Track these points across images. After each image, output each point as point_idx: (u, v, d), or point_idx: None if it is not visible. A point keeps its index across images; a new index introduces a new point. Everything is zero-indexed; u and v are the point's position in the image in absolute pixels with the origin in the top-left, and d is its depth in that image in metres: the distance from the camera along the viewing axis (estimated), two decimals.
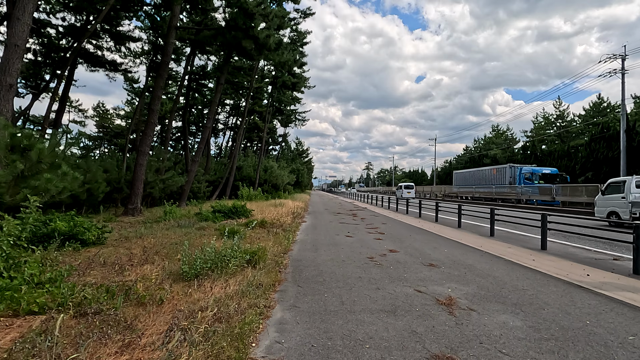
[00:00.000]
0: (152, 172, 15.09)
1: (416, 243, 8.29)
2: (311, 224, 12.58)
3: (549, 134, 43.31)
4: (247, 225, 10.45)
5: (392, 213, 17.86)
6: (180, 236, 8.39)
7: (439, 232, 10.25)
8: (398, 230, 10.89)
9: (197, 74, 24.64)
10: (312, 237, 9.34)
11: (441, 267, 5.74)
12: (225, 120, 45.57)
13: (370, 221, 13.68)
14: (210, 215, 11.99)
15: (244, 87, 28.23)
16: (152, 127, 13.88)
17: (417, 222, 13.16)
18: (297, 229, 10.86)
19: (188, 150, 25.43)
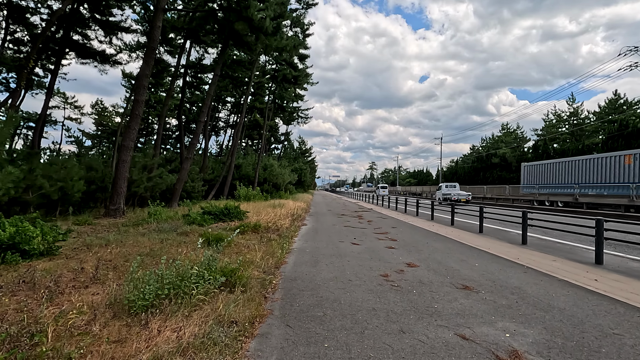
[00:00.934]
0: (139, 169, 13.81)
1: (437, 254, 6.87)
2: (312, 228, 11.20)
3: (562, 132, 41.57)
4: (237, 230, 9.10)
5: (401, 215, 16.43)
6: (155, 244, 7.05)
7: (459, 239, 8.83)
8: (411, 235, 9.47)
9: (194, 67, 23.35)
10: (312, 244, 7.94)
11: (480, 292, 4.33)
12: (226, 118, 44.35)
13: (378, 224, 12.27)
14: (198, 217, 10.65)
15: (243, 82, 26.92)
16: (137, 119, 12.56)
17: (430, 226, 11.73)
18: (296, 234, 9.48)
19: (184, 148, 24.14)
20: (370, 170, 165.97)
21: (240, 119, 24.31)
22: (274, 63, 25.64)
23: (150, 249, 6.58)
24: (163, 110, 18.16)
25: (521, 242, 8.22)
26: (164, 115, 18.45)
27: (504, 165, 48.88)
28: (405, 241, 8.44)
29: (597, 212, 17.51)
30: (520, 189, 28.98)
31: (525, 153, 46.97)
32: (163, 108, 18.29)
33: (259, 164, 25.48)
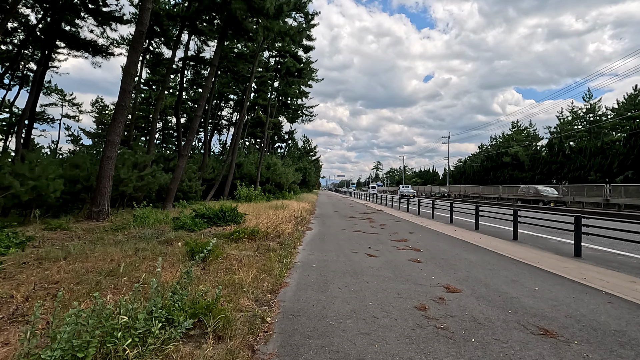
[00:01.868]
0: (128, 167, 12.55)
1: (477, 270, 5.47)
2: (318, 233, 9.83)
3: (578, 130, 39.77)
4: (231, 237, 7.78)
5: (415, 217, 15.00)
6: (127, 256, 5.73)
7: (494, 248, 7.40)
8: (435, 243, 8.07)
9: (193, 59, 22.11)
10: (319, 256, 6.57)
11: (571, 342, 2.93)
12: (229, 116, 43.15)
13: (393, 229, 10.87)
14: (188, 221, 9.34)
15: (245, 78, 25.62)
16: (124, 111, 11.29)
17: (451, 231, 10.31)
18: (300, 242, 8.11)
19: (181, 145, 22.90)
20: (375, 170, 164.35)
21: (241, 115, 23.03)
22: (277, 55, 24.30)
23: (118, 263, 5.25)
24: (157, 104, 16.91)
25: (573, 253, 6.78)
26: (157, 109, 17.22)
27: (515, 164, 47.09)
28: (430, 251, 7.04)
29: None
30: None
31: (539, 151, 45.19)
32: (157, 102, 17.06)
33: (261, 163, 24.19)
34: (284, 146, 52.78)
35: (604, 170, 32.02)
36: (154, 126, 16.78)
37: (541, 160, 41.84)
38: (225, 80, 34.23)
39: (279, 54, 23.86)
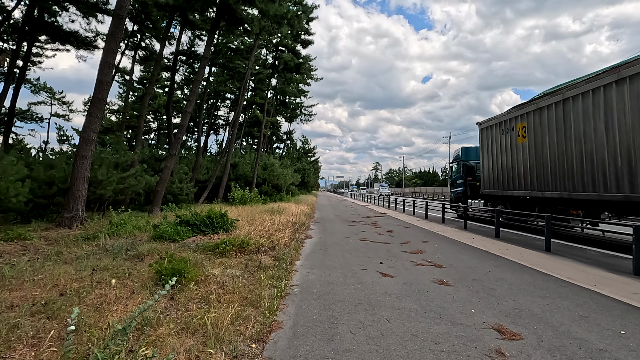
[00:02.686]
0: (107, 167, 11.32)
1: (525, 298, 4.26)
2: (319, 243, 8.61)
3: None
4: (216, 249, 6.55)
5: (423, 222, 13.79)
6: (79, 280, 4.51)
7: (529, 263, 6.20)
8: (457, 256, 6.85)
9: (184, 54, 20.89)
10: (321, 276, 5.35)
11: None
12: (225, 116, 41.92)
13: (403, 236, 9.66)
14: (169, 229, 8.11)
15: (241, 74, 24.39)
16: (101, 105, 10.07)
17: (469, 239, 9.10)
18: (298, 255, 6.89)
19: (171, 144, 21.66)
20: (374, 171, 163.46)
21: (237, 111, 21.79)
22: (274, 50, 23.07)
23: (62, 292, 4.04)
24: (144, 100, 15.70)
25: (633, 271, 5.57)
26: (145, 105, 15.98)
27: None
28: (456, 269, 5.82)
29: None
30: None
31: None
32: (144, 97, 15.83)
33: (257, 163, 22.95)
34: (282, 147, 51.59)
35: None
36: (141, 123, 15.55)
37: None
38: (221, 78, 33.00)
39: (276, 49, 22.65)
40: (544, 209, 10.25)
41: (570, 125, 9.00)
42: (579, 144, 8.70)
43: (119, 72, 40.44)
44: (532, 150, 10.54)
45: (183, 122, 14.38)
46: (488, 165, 13.18)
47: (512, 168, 11.58)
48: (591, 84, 8.34)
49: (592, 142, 8.29)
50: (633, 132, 7.17)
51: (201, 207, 15.63)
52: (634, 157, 7.13)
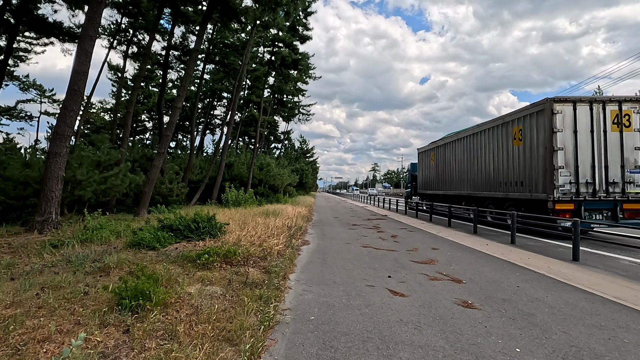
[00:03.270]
0: (87, 167, 10.40)
1: (577, 329, 3.38)
2: (317, 251, 7.72)
3: None
4: (198, 260, 5.64)
5: (428, 225, 12.91)
6: (15, 304, 3.61)
7: (561, 276, 5.33)
8: (475, 267, 5.98)
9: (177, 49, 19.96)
10: (319, 296, 4.46)
11: None
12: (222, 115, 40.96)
13: (410, 242, 8.78)
14: (148, 235, 7.19)
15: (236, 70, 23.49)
16: (77, 98, 9.14)
17: (482, 245, 8.25)
18: (292, 266, 6.00)
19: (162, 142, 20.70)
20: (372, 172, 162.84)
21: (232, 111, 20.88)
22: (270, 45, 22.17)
23: None
24: (132, 95, 14.78)
25: None
26: (132, 101, 15.06)
27: None
28: (478, 284, 4.94)
29: None
30: None
31: None
32: (132, 93, 14.90)
33: (253, 163, 22.03)
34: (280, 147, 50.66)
35: None
36: (128, 120, 14.61)
37: None
38: (217, 77, 32.07)
39: (272, 45, 21.75)
40: (451, 201, 15.75)
41: (463, 152, 15.19)
42: (461, 164, 15.17)
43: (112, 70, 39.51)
44: (437, 168, 18.23)
45: (172, 118, 13.46)
46: (420, 175, 21.29)
47: (429, 177, 19.66)
48: (479, 128, 13.76)
49: (481, 161, 13.50)
50: (496, 160, 12.39)
51: (192, 209, 14.72)
52: (494, 174, 12.44)
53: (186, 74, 13.74)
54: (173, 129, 13.95)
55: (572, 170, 9.46)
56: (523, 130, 10.79)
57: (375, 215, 18.06)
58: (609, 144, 9.54)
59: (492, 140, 12.58)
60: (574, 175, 9.45)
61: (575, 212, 9.27)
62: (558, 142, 9.42)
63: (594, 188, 9.44)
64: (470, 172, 14.20)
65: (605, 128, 9.54)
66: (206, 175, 19.58)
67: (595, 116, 9.56)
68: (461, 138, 15.20)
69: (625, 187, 9.47)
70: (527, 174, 10.52)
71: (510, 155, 11.44)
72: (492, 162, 12.54)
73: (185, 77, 13.70)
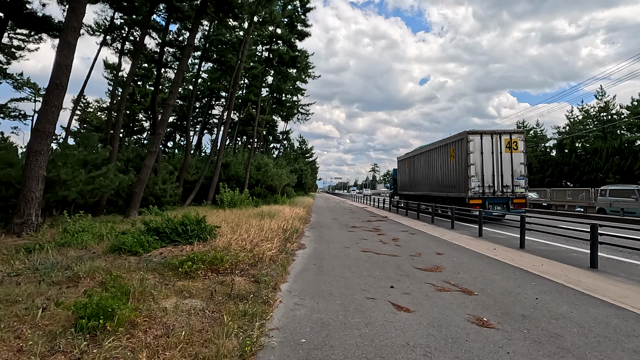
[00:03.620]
0: (72, 166, 9.88)
1: (615, 356, 2.85)
2: (314, 256, 7.19)
3: (591, 130, 37.45)
4: (181, 267, 5.11)
5: (430, 227, 12.38)
6: None
7: (582, 287, 4.81)
8: (486, 275, 5.45)
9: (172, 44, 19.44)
10: (313, 311, 3.93)
11: None
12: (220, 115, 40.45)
13: (412, 246, 8.25)
14: (130, 239, 6.66)
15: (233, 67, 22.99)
16: (59, 92, 8.61)
17: (489, 249, 7.72)
18: (285, 275, 5.46)
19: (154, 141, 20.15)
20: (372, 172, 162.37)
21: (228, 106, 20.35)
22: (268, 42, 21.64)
23: None
24: (123, 92, 14.27)
25: None
26: (124, 98, 14.54)
27: None
28: (491, 296, 4.41)
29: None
30: None
31: (548, 152, 42.93)
32: (124, 89, 14.38)
33: (249, 163, 21.50)
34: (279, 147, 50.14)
35: (624, 172, 29.68)
36: (119, 117, 14.06)
37: (551, 162, 39.49)
38: (215, 75, 31.56)
39: (270, 42, 21.22)
40: (419, 199, 18.89)
41: (424, 163, 18.93)
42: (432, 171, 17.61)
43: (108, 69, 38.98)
44: (409, 174, 22.12)
45: (164, 116, 12.94)
46: (399, 179, 25.34)
47: (404, 181, 23.61)
48: (431, 147, 17.79)
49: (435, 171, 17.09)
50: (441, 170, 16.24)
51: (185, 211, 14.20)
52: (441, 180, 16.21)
53: (179, 70, 13.22)
54: (165, 127, 13.44)
55: (479, 178, 13.52)
56: (455, 150, 14.82)
57: (376, 216, 17.53)
58: (503, 161, 13.66)
59: (440, 156, 16.71)
60: (481, 181, 13.55)
61: (482, 205, 13.37)
62: (471, 159, 13.53)
63: (494, 189, 13.61)
64: (428, 178, 18.37)
65: (501, 150, 13.67)
66: (201, 175, 19.04)
67: (495, 143, 13.65)
68: (424, 152, 19.28)
69: (514, 188, 13.68)
70: (457, 180, 14.65)
71: (448, 167, 15.59)
72: (440, 171, 16.66)
73: (178, 73, 13.18)
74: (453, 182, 14.93)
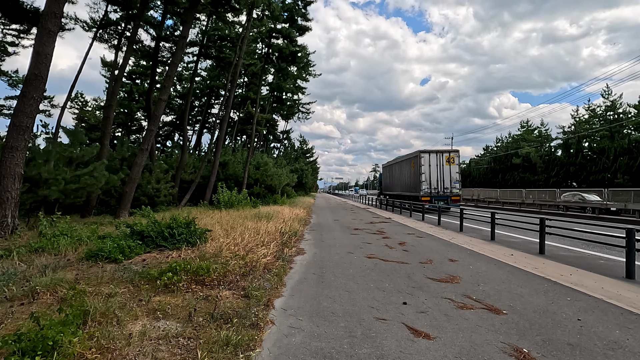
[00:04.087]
0: (56, 163, 9.21)
1: None
2: (314, 263, 6.50)
3: (599, 129, 36.65)
4: (159, 280, 4.43)
5: (437, 230, 11.68)
6: None
7: (628, 304, 4.11)
8: (511, 288, 4.75)
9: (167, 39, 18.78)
10: (311, 337, 3.24)
11: None
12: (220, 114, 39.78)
13: (422, 251, 7.55)
14: (112, 244, 5.98)
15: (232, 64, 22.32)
16: (38, 83, 7.95)
17: (505, 255, 7.02)
18: (280, 288, 4.76)
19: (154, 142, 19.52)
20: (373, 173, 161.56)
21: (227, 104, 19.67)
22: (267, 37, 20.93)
23: None
24: (115, 87, 13.58)
25: None
26: (115, 93, 13.85)
27: (527, 166, 43.96)
28: (525, 317, 3.71)
29: None
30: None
31: (553, 152, 42.16)
32: (115, 84, 13.70)
33: (248, 161, 20.81)
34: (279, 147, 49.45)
35: (633, 172, 28.90)
36: (109, 113, 13.35)
37: (557, 162, 38.72)
38: (214, 73, 30.89)
39: (269, 35, 20.52)
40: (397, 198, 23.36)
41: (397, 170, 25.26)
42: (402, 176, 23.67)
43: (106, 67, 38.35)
44: (390, 178, 28.19)
45: (156, 112, 12.26)
46: (383, 181, 31.55)
47: (387, 183, 29.38)
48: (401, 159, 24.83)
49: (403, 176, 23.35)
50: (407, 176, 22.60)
51: (179, 212, 13.53)
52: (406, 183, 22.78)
53: (172, 63, 12.56)
54: (158, 123, 12.77)
55: (428, 183, 19.25)
56: (414, 163, 20.63)
57: (379, 217, 16.84)
58: (444, 171, 19.29)
59: (406, 166, 22.99)
60: (429, 185, 19.27)
61: (430, 200, 18.90)
62: (422, 170, 19.29)
63: (438, 190, 19.26)
64: (400, 182, 24.75)
65: (442, 164, 19.30)
66: (198, 175, 18.37)
67: (439, 158, 19.39)
68: (397, 162, 26.27)
69: (451, 190, 19.28)
70: (415, 184, 20.41)
71: (410, 175, 21.62)
72: (406, 177, 22.88)
73: (172, 66, 12.51)
74: (413, 185, 20.79)
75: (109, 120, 13.48)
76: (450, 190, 19.14)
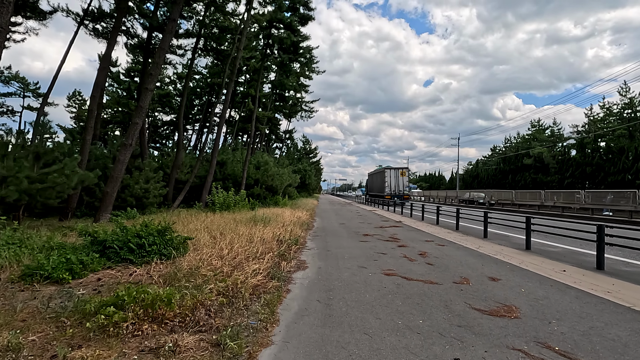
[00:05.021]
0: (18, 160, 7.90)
1: None
2: (317, 283, 5.11)
3: (616, 127, 34.95)
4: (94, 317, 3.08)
5: (455, 235, 10.24)
6: None
7: None
8: (597, 327, 3.35)
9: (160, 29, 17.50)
10: None
11: None
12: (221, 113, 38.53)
13: (451, 266, 6.13)
14: (59, 258, 4.64)
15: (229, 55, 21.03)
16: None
17: (556, 272, 5.62)
18: (270, 326, 3.36)
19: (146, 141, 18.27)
20: None
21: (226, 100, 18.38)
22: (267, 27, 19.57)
23: None
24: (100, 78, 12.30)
25: None
26: (100, 85, 12.56)
27: (539, 167, 42.33)
28: None
29: None
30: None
31: (567, 152, 40.47)
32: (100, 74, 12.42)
33: (247, 160, 19.48)
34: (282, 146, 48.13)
35: None
36: (93, 106, 12.11)
37: (571, 162, 37.08)
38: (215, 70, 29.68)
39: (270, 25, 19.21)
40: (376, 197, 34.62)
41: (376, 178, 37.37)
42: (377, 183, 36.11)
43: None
44: (372, 183, 41.03)
45: (141, 102, 10.97)
46: (368, 184, 44.88)
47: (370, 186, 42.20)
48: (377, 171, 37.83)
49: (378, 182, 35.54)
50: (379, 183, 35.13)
51: (168, 214, 12.22)
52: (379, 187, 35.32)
53: (160, 48, 11.25)
54: (143, 115, 11.45)
55: (390, 187, 30.39)
56: (384, 175, 31.46)
57: (388, 221, 15.42)
58: (399, 181, 30.43)
59: (379, 176, 33.42)
60: (390, 189, 30.31)
61: (391, 198, 27.76)
62: (386, 179, 30.68)
63: (396, 192, 29.97)
64: (376, 185, 35.32)
65: (398, 176, 30.56)
66: (192, 174, 17.06)
67: (396, 172, 30.88)
68: (375, 173, 38.05)
69: (404, 192, 30.10)
70: (382, 188, 31.24)
71: (380, 182, 32.45)
72: (379, 183, 32.76)
73: (160, 51, 11.21)
74: (381, 188, 31.52)
75: (92, 113, 12.20)
76: (402, 192, 30.10)
